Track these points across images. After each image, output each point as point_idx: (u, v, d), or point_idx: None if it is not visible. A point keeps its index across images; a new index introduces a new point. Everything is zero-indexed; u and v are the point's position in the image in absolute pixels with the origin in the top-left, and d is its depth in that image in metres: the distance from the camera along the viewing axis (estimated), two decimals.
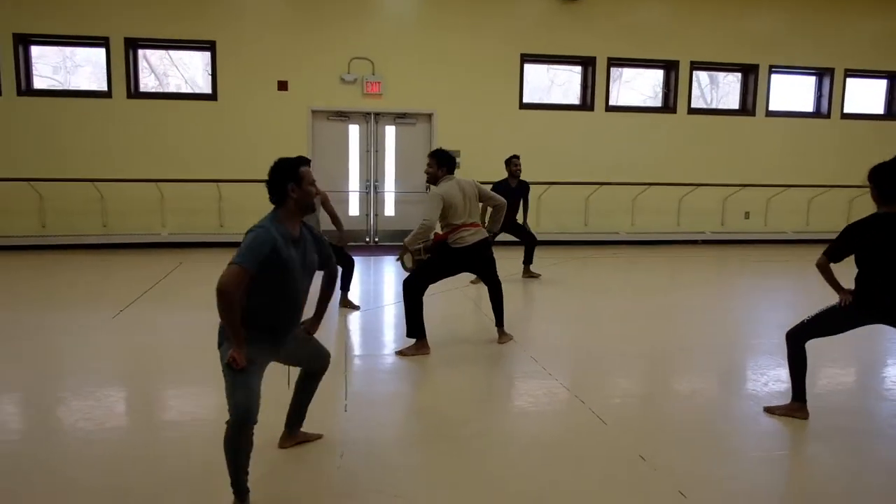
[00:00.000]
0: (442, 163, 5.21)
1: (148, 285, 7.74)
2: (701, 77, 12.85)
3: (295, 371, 3.49)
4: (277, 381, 3.52)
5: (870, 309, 3.78)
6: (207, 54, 10.88)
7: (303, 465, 3.37)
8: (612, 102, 12.29)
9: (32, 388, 4.53)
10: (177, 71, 11.40)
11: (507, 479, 3.25)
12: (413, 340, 5.28)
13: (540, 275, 8.57)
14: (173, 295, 7.46)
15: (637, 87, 12.70)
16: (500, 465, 3.41)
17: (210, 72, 10.88)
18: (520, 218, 8.54)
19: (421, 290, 5.21)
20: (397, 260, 5.41)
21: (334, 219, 6.55)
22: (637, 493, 3.15)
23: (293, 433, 3.51)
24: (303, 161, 3.09)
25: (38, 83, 10.88)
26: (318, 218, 6.16)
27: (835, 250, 3.78)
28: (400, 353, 5.23)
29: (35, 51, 10.80)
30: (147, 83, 11.10)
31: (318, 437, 3.59)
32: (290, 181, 2.99)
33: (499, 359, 5.29)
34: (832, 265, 3.81)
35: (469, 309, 6.94)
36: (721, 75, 12.94)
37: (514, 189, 8.25)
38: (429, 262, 5.25)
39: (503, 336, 5.63)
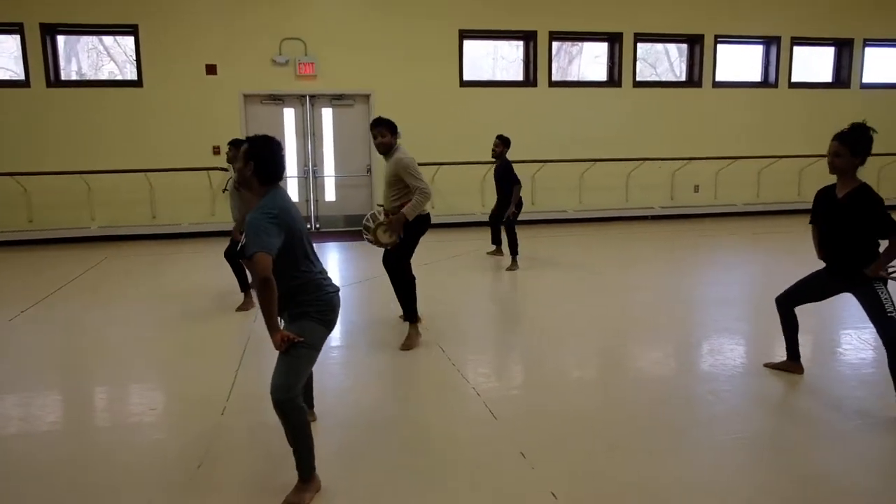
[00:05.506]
0: (394, 130, 4.88)
1: (61, 283, 7.39)
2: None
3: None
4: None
5: (829, 274, 3.95)
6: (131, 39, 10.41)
7: (150, 472, 3.10)
8: (571, 77, 12.07)
9: None
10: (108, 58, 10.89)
11: (375, 480, 3.02)
12: (407, 326, 5.08)
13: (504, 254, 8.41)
14: (88, 291, 7.11)
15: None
16: (369, 468, 3.17)
17: (134, 57, 10.41)
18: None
19: (409, 267, 5.01)
20: (368, 238, 4.96)
21: None
22: (506, 493, 2.94)
23: None
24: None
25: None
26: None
27: (811, 212, 4.05)
28: (406, 347, 4.93)
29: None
30: (76, 71, 10.63)
31: None
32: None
33: (406, 349, 5.06)
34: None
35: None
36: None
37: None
38: (406, 235, 4.94)
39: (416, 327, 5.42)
